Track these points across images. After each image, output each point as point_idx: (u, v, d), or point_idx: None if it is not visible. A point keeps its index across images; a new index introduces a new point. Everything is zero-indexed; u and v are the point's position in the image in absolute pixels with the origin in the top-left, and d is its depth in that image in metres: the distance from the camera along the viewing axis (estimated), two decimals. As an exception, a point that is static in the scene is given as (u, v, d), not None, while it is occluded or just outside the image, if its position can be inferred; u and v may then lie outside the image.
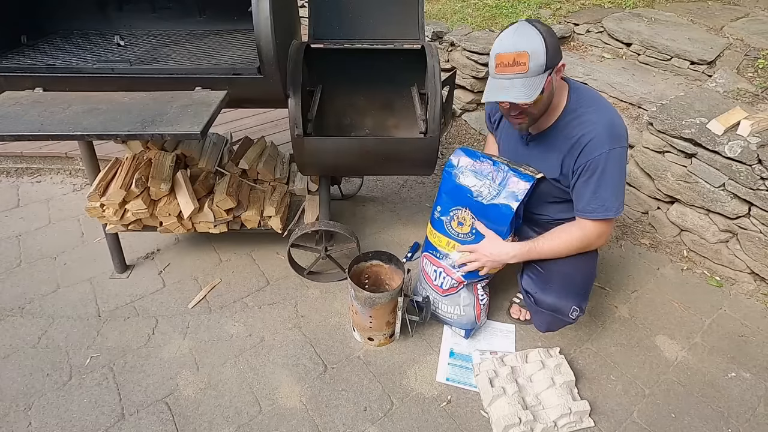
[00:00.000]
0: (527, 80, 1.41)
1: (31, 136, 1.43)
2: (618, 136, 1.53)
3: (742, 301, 2.15)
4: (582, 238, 1.62)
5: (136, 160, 2.10)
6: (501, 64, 1.42)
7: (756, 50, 2.70)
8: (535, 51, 1.38)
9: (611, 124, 1.53)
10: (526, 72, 1.40)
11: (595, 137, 1.51)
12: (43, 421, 1.65)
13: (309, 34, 1.96)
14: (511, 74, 1.41)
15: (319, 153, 1.94)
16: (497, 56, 1.43)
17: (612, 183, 1.54)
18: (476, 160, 1.75)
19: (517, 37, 1.40)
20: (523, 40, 1.39)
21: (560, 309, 1.68)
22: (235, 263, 2.33)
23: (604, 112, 1.56)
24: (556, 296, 1.68)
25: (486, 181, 1.71)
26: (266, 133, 3.06)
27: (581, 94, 1.60)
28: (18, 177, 2.97)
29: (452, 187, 1.79)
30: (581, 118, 1.55)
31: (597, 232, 1.61)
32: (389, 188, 2.91)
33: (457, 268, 1.80)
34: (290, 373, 1.82)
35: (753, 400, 1.75)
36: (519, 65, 1.39)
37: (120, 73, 1.69)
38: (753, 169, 2.00)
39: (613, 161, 1.52)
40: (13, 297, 2.13)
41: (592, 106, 1.57)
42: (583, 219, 1.60)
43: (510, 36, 1.41)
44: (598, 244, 1.68)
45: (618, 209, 1.56)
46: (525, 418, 1.59)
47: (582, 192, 1.58)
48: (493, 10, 3.61)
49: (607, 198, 1.54)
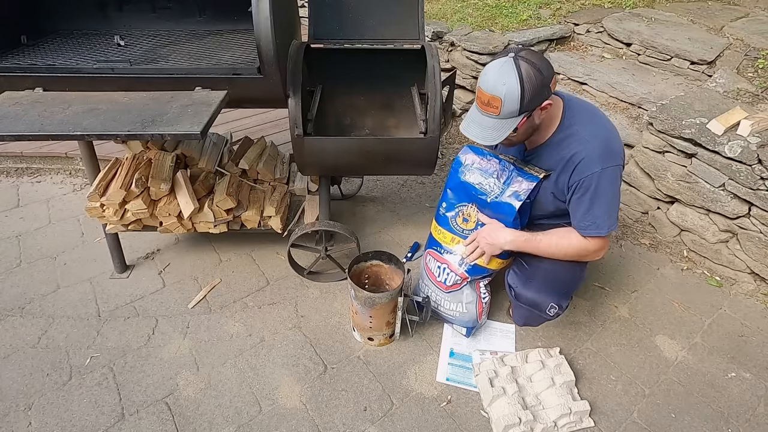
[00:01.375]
0: (498, 122, 1.45)
1: (31, 136, 1.43)
2: (611, 154, 1.52)
3: (742, 301, 2.15)
4: (579, 248, 1.63)
5: (136, 160, 2.10)
6: (479, 99, 1.47)
7: (756, 50, 2.71)
8: (509, 96, 1.39)
9: (605, 142, 1.54)
10: (498, 114, 1.43)
11: (587, 156, 1.52)
12: (43, 421, 1.65)
13: (309, 34, 1.96)
14: (485, 113, 1.46)
15: (319, 153, 1.94)
16: (478, 90, 1.48)
17: (604, 201, 1.54)
18: (483, 158, 1.77)
19: (497, 78, 1.41)
20: (500, 84, 1.40)
21: (538, 304, 1.72)
22: (235, 263, 2.33)
23: (600, 129, 1.56)
24: (536, 291, 1.72)
25: (491, 179, 1.72)
26: (266, 133, 3.06)
27: (577, 109, 1.60)
28: (18, 177, 2.97)
29: (458, 184, 1.80)
30: (575, 135, 1.56)
31: (594, 247, 1.62)
32: (389, 188, 2.91)
33: (462, 263, 1.81)
34: (290, 373, 1.82)
35: (753, 400, 1.76)
36: (492, 107, 1.43)
37: (120, 73, 1.69)
38: (753, 169, 2.00)
39: (606, 180, 1.52)
40: (13, 297, 2.13)
41: (587, 123, 1.57)
42: (582, 234, 1.62)
43: (492, 73, 1.42)
44: (595, 257, 1.70)
45: (610, 227, 1.57)
46: (525, 418, 1.59)
47: (575, 209, 1.60)
48: (493, 10, 3.61)
49: (599, 216, 1.55)
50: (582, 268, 1.79)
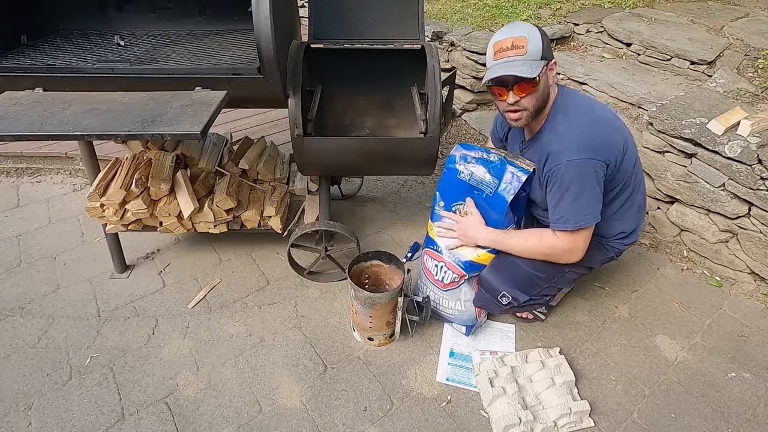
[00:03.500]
0: (526, 62, 1.46)
1: (31, 136, 1.43)
2: (586, 147, 1.50)
3: (742, 301, 2.15)
4: (550, 246, 1.62)
5: (136, 160, 2.10)
6: (499, 49, 1.48)
7: (756, 50, 2.70)
8: (531, 36, 1.46)
9: (583, 134, 1.52)
10: (524, 54, 1.45)
11: (559, 147, 1.52)
12: (43, 421, 1.65)
13: (309, 34, 1.96)
14: (511, 57, 1.46)
15: (319, 153, 1.94)
16: (495, 44, 1.50)
17: (571, 195, 1.52)
18: (476, 153, 1.79)
19: (513, 28, 1.48)
20: (519, 29, 1.47)
21: (492, 289, 1.74)
22: (235, 263, 2.33)
23: (581, 119, 1.55)
24: (494, 277, 1.74)
25: (484, 174, 1.74)
26: (266, 133, 3.06)
27: (568, 99, 1.61)
28: (18, 177, 2.97)
29: (453, 182, 1.81)
30: (556, 125, 1.57)
31: (564, 245, 1.60)
32: (389, 188, 2.91)
33: (449, 251, 1.83)
34: (290, 373, 1.82)
35: (753, 400, 1.75)
36: (517, 48, 1.45)
37: (120, 73, 1.69)
38: (753, 169, 2.00)
39: (572, 172, 1.50)
40: (13, 297, 2.13)
41: (571, 114, 1.57)
42: (553, 229, 1.62)
43: (506, 28, 1.50)
44: (568, 259, 1.65)
45: (577, 222, 1.53)
46: (525, 418, 1.59)
47: (549, 201, 1.60)
48: (493, 10, 3.61)
49: (565, 210, 1.54)
50: (552, 271, 1.72)
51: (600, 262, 1.84)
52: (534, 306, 1.83)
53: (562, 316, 2.07)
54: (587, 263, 1.76)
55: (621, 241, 1.79)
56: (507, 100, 1.53)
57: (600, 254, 1.79)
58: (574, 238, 1.59)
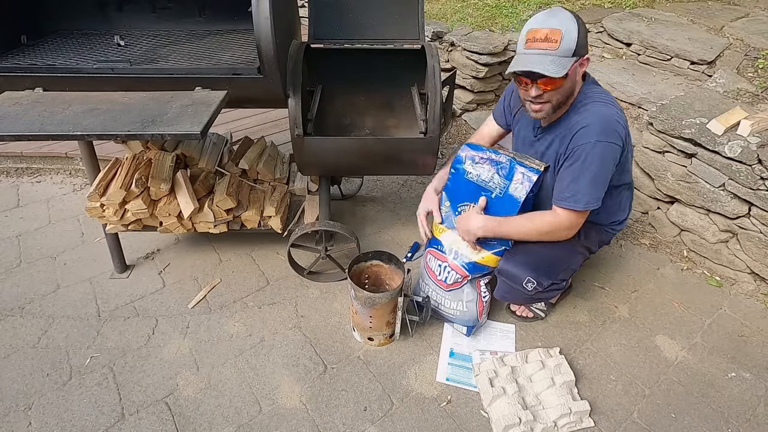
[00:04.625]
0: (555, 59, 1.41)
1: (31, 136, 1.43)
2: (610, 132, 1.52)
3: (742, 301, 2.15)
4: (552, 223, 1.62)
5: (136, 160, 2.10)
6: (532, 38, 1.43)
7: (756, 50, 2.70)
8: (568, 30, 1.39)
9: (608, 119, 1.53)
10: (555, 50, 1.40)
11: (587, 126, 1.52)
12: (43, 421, 1.65)
13: (309, 34, 1.96)
14: (541, 50, 1.42)
15: (319, 153, 1.94)
16: (529, 31, 1.44)
17: (590, 175, 1.53)
18: (483, 154, 1.78)
19: (552, 16, 1.42)
20: (558, 20, 1.41)
21: (515, 277, 1.70)
22: (235, 263, 2.33)
23: (608, 107, 1.56)
24: (514, 265, 1.71)
25: (493, 175, 1.73)
26: (266, 133, 3.06)
27: (594, 90, 1.61)
28: (18, 177, 2.97)
29: (460, 182, 1.81)
30: (584, 108, 1.56)
31: (567, 222, 1.61)
32: (389, 188, 2.91)
33: (453, 253, 1.82)
34: (290, 373, 1.82)
35: (753, 400, 1.75)
36: (550, 41, 1.40)
37: (120, 73, 1.69)
38: (753, 169, 2.00)
39: (597, 153, 1.51)
40: (13, 297, 2.13)
41: (599, 101, 1.57)
42: (557, 207, 1.61)
43: (545, 15, 1.43)
44: (564, 236, 1.67)
45: (588, 203, 1.55)
46: (525, 418, 1.59)
47: (562, 177, 1.59)
48: (493, 10, 3.61)
49: (581, 189, 1.54)
50: (570, 253, 1.76)
51: (598, 244, 1.90)
52: (554, 292, 1.81)
53: (562, 316, 2.07)
54: (587, 243, 1.82)
55: (617, 227, 1.90)
56: (530, 92, 1.51)
57: (598, 237, 1.87)
58: (578, 217, 1.61)
